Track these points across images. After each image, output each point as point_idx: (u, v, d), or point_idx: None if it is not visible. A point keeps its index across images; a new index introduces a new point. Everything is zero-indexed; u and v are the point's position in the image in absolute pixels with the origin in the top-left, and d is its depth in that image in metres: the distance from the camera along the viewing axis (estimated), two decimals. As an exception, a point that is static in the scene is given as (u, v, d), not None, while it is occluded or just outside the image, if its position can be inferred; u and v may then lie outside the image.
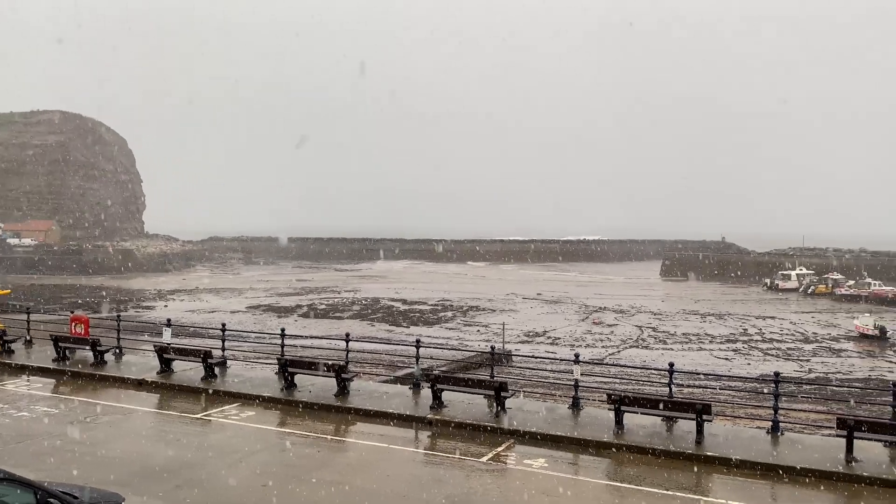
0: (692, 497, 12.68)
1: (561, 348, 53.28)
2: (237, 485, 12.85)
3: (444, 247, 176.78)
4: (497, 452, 14.87)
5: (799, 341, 59.62)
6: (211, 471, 13.52)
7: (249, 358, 30.07)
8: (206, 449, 14.83)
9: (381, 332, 60.78)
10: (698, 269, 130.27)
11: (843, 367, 48.72)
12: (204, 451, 14.64)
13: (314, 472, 13.57)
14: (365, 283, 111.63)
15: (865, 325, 61.69)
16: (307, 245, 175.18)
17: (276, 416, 17.71)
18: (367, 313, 73.75)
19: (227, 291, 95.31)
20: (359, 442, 15.70)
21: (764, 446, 15.06)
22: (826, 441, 15.66)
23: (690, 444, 15.06)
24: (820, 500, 12.61)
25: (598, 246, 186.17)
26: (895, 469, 13.74)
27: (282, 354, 21.28)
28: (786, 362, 49.37)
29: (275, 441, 15.65)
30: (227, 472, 13.44)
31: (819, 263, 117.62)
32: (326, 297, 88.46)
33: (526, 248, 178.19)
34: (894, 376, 43.74)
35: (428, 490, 12.71)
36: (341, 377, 18.84)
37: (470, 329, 63.89)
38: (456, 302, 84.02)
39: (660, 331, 64.25)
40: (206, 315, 70.38)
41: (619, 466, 14.25)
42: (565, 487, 13.01)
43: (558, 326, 65.82)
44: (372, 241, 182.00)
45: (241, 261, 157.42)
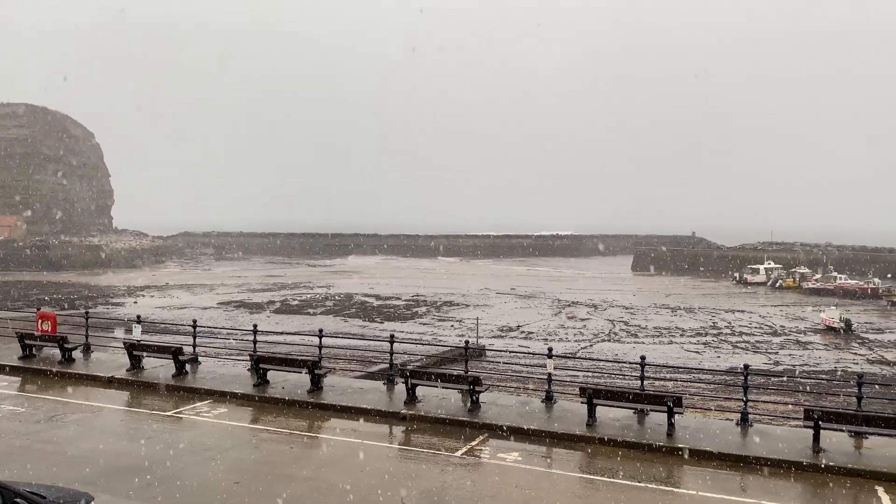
0: (664, 488, 12.84)
1: (534, 342, 53.54)
2: (209, 482, 12.73)
3: (419, 242, 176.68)
4: (471, 447, 14.91)
5: (767, 334, 60.60)
6: (182, 468, 13.37)
7: (221, 354, 29.76)
8: (178, 446, 14.66)
9: (355, 328, 60.55)
10: (669, 263, 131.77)
11: (810, 359, 49.62)
12: (175, 449, 14.47)
13: (287, 468, 13.49)
14: (338, 278, 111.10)
15: (831, 318, 62.87)
16: (280, 240, 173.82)
17: (249, 412, 17.56)
18: (340, 309, 73.42)
19: (199, 287, 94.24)
20: (332, 438, 15.64)
21: (734, 438, 15.30)
22: (794, 432, 15.95)
23: (662, 436, 15.25)
24: (788, 489, 12.85)
25: (571, 241, 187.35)
26: (860, 458, 14.06)
27: (254, 351, 21.09)
28: (755, 355, 50.15)
29: (247, 438, 15.52)
30: (198, 470, 13.30)
31: (787, 258, 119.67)
32: (299, 293, 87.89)
33: (500, 243, 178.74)
34: (859, 368, 44.68)
35: (402, 485, 12.71)
36: (314, 373, 18.74)
37: (444, 324, 63.92)
38: (430, 297, 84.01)
39: (631, 324, 64.88)
40: (177, 311, 69.52)
41: (592, 459, 14.38)
42: (539, 481, 13.09)
43: (532, 321, 66.15)
44: (345, 237, 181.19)
45: (212, 256, 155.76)
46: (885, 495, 12.52)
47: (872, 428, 14.27)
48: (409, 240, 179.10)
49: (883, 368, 46.25)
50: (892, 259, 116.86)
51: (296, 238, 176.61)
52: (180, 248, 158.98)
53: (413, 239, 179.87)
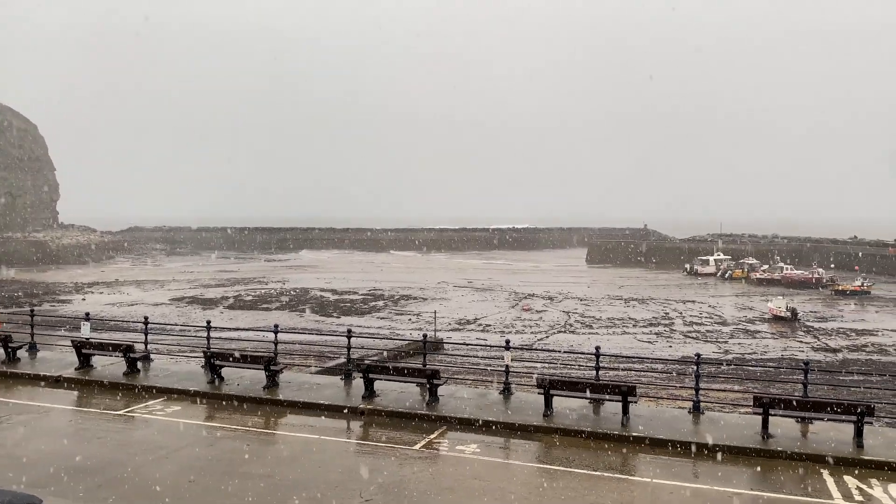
0: (619, 476, 13.07)
1: (492, 335, 53.90)
2: (163, 481, 12.49)
3: (376, 236, 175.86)
4: (429, 440, 14.94)
5: (717, 324, 62.11)
6: (135, 468, 13.09)
7: (174, 352, 29.23)
8: (130, 446, 14.35)
9: (311, 323, 60.05)
10: (622, 255, 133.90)
11: (758, 347, 51.06)
12: (127, 449, 14.16)
13: (243, 465, 13.32)
14: (293, 273, 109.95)
15: (778, 307, 64.78)
16: (233, 235, 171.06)
17: (203, 410, 17.28)
18: (296, 304, 72.71)
19: (150, 283, 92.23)
20: (289, 434, 15.49)
21: (686, 425, 15.65)
22: (744, 419, 16.39)
23: (617, 425, 15.51)
24: (739, 475, 13.20)
25: (527, 234, 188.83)
26: (806, 443, 14.53)
27: (208, 347, 20.76)
28: (705, 344, 51.39)
29: (202, 436, 15.27)
30: (152, 469, 13.04)
31: (735, 249, 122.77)
32: (253, 288, 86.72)
33: (456, 236, 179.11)
34: (805, 356, 46.15)
35: (360, 479, 12.66)
36: (270, 369, 18.53)
37: (401, 318, 63.86)
38: (387, 291, 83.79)
39: (586, 316, 65.79)
40: (128, 308, 67.97)
41: (549, 449, 14.55)
42: (496, 471, 13.19)
43: (489, 313, 66.54)
44: (300, 231, 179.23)
45: (163, 252, 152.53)
46: (830, 478, 12.97)
47: (817, 413, 14.76)
48: (365, 233, 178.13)
49: (827, 355, 47.87)
50: (834, 249, 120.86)
51: (250, 232, 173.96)
52: (130, 244, 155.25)
53: (370, 233, 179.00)
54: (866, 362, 45.21)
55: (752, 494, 12.25)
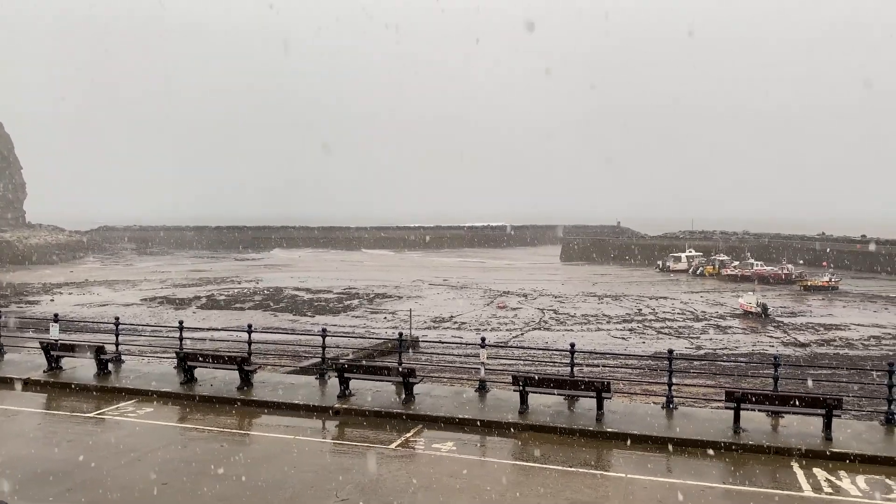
0: (594, 472, 13.16)
1: (467, 333, 53.95)
2: (135, 485, 12.31)
3: (350, 234, 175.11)
4: (406, 438, 14.92)
5: (689, 320, 62.82)
6: (106, 471, 12.88)
7: (146, 352, 28.83)
8: (101, 449, 14.12)
9: (285, 323, 59.61)
10: (596, 253, 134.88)
11: (729, 343, 51.73)
12: (98, 452, 13.93)
13: (217, 467, 13.18)
14: (267, 272, 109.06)
15: (749, 303, 65.65)
16: (205, 234, 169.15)
17: (176, 411, 17.07)
18: (269, 303, 72.12)
19: (120, 283, 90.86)
20: (264, 434, 15.37)
21: (660, 421, 15.81)
22: (716, 413, 16.60)
23: (591, 421, 15.62)
24: (712, 468, 13.37)
25: (502, 232, 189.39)
26: (777, 436, 14.76)
27: (180, 348, 20.52)
28: (678, 340, 51.93)
29: (175, 437, 15.08)
30: (123, 472, 12.85)
31: (707, 246, 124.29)
32: (226, 288, 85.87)
33: (431, 234, 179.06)
34: (775, 350, 46.87)
35: (336, 479, 12.60)
36: (244, 369, 18.37)
37: (377, 316, 63.66)
38: (362, 290, 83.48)
39: (561, 313, 66.15)
40: (98, 309, 66.87)
41: (525, 446, 14.60)
42: (473, 469, 13.21)
43: (464, 311, 66.60)
44: (274, 230, 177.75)
45: (134, 251, 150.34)
46: (800, 470, 13.20)
47: (788, 407, 15.00)
48: (339, 232, 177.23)
49: (797, 350, 48.66)
50: (804, 246, 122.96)
51: (223, 231, 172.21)
52: (100, 244, 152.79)
53: (344, 231, 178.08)
54: (834, 356, 46.04)
55: (725, 488, 12.42)
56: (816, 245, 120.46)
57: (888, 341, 51.92)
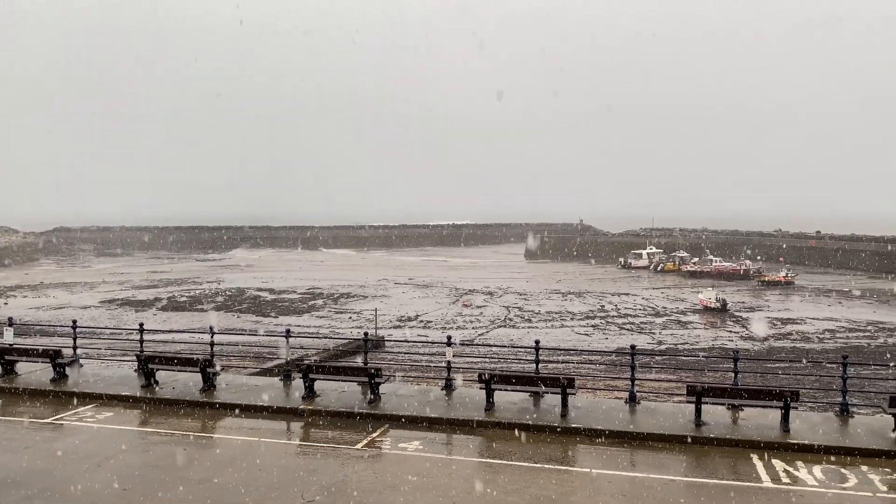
0: (559, 468, 13.29)
1: (433, 331, 53.99)
2: (95, 491, 12.06)
3: (313, 233, 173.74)
4: (372, 438, 14.88)
5: (651, 315, 63.78)
6: (65, 478, 12.60)
7: (105, 356, 28.24)
8: (59, 455, 13.80)
9: (248, 324, 58.94)
10: (560, 250, 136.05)
11: (690, 338, 52.66)
12: (57, 458, 13.62)
13: (180, 471, 12.98)
14: (228, 272, 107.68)
15: (708, 298, 66.94)
16: (165, 235, 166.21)
17: (137, 415, 16.77)
18: (232, 304, 71.25)
19: (78, 286, 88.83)
20: (228, 437, 15.18)
21: (623, 415, 16.03)
22: (677, 407, 16.89)
23: (556, 417, 15.77)
24: (674, 462, 13.61)
25: (467, 230, 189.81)
26: (737, 429, 15.08)
27: (141, 350, 20.16)
28: (640, 335, 52.71)
29: (136, 442, 14.82)
30: (83, 479, 12.58)
31: (667, 242, 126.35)
32: (187, 289, 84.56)
33: (396, 233, 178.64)
34: (734, 345, 47.86)
35: (301, 481, 12.52)
36: (206, 371, 18.12)
37: (342, 316, 63.33)
38: (326, 290, 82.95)
39: (525, 310, 66.60)
40: (54, 312, 65.32)
41: (491, 443, 14.68)
42: (439, 467, 13.23)
43: (430, 310, 66.63)
44: (235, 230, 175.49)
45: (92, 252, 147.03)
46: (759, 461, 13.51)
47: (747, 400, 15.34)
48: (302, 231, 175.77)
49: (755, 344, 49.75)
50: (760, 242, 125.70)
51: (183, 232, 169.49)
52: (56, 245, 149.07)
53: (307, 230, 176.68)
54: (791, 350, 47.18)
55: (687, 481, 12.64)
56: (774, 241, 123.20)
57: (842, 334, 53.41)
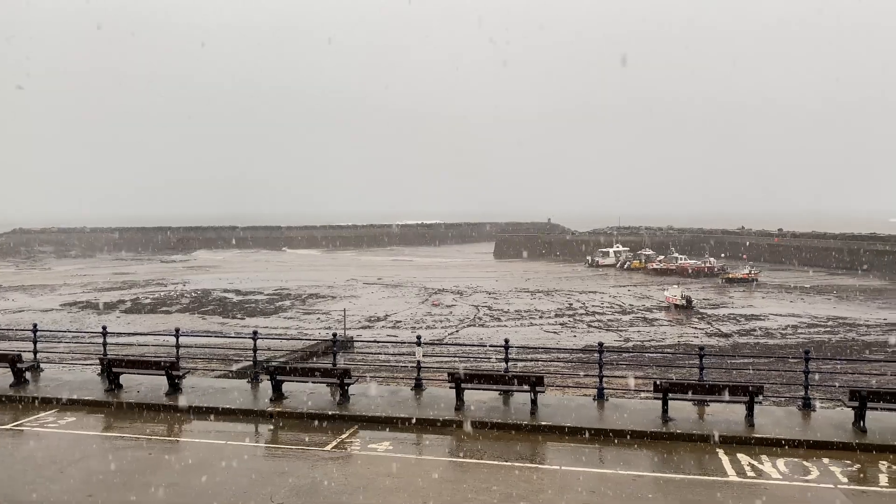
0: (529, 466, 13.35)
1: (402, 331, 53.88)
2: (58, 498, 11.78)
3: (280, 234, 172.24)
4: (341, 440, 14.79)
5: (618, 313, 64.47)
6: (26, 485, 12.29)
7: (67, 360, 27.67)
8: (20, 462, 13.46)
9: (215, 326, 58.22)
10: (528, 249, 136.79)
11: (656, 335, 53.34)
12: (17, 465, 13.28)
13: (146, 476, 12.76)
14: (194, 274, 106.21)
15: (674, 295, 67.88)
16: (128, 235, 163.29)
17: (101, 420, 16.44)
18: (197, 306, 70.28)
19: (37, 289, 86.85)
20: (195, 441, 14.97)
21: (591, 412, 16.17)
22: (645, 404, 17.09)
23: (526, 415, 15.84)
24: (642, 458, 13.76)
25: (436, 229, 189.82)
26: (703, 424, 15.30)
27: (104, 354, 19.77)
28: (607, 333, 53.25)
29: (100, 447, 14.53)
30: (45, 486, 12.29)
31: (633, 241, 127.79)
32: (152, 291, 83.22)
33: (364, 233, 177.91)
34: (699, 341, 48.61)
35: (271, 483, 12.39)
36: (172, 374, 17.84)
37: (310, 317, 62.88)
38: (294, 290, 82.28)
39: (495, 309, 66.83)
40: (13, 315, 63.75)
41: (461, 442, 14.69)
42: (409, 468, 13.21)
43: (399, 310, 66.50)
44: (201, 230, 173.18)
45: (52, 254, 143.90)
46: (725, 456, 13.72)
47: (712, 396, 15.58)
48: (268, 231, 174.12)
49: (720, 340, 50.58)
50: (724, 240, 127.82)
51: (147, 233, 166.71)
52: (13, 247, 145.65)
53: (273, 231, 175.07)
54: (755, 346, 48.07)
55: (654, 476, 12.80)
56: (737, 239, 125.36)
57: (804, 330, 54.56)
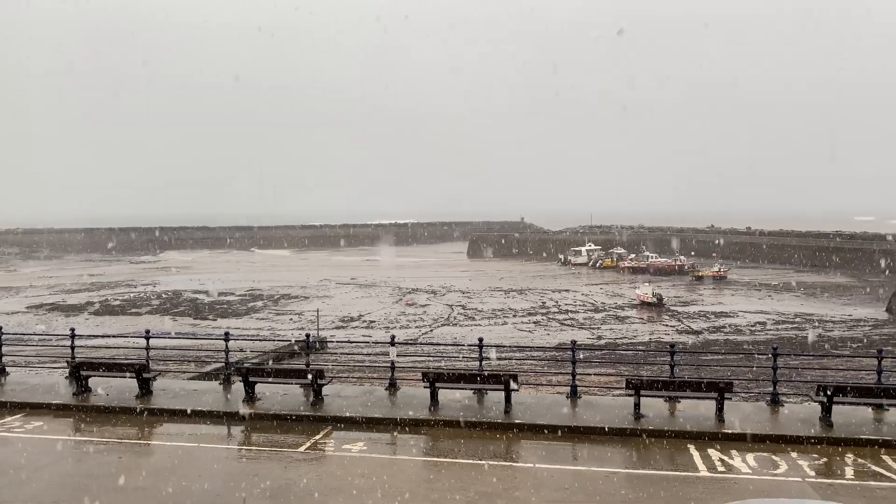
0: (503, 464, 13.40)
1: (376, 331, 53.71)
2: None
3: (252, 234, 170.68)
4: (315, 441, 14.72)
5: (590, 311, 64.94)
6: (-9, 492, 12.05)
7: (33, 363, 27.16)
8: (-16, 469, 13.18)
9: (186, 327, 57.48)
10: (502, 248, 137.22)
11: (628, 332, 53.82)
12: (-19, 472, 13.00)
13: (117, 480, 12.56)
14: (165, 275, 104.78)
15: (645, 293, 68.55)
16: (97, 236, 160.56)
17: (70, 424, 16.16)
18: (168, 308, 69.36)
19: (2, 290, 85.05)
20: (167, 444, 14.79)
21: (565, 410, 16.28)
22: (617, 400, 17.25)
23: (500, 413, 15.90)
24: (615, 454, 13.89)
25: (410, 229, 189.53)
26: (675, 421, 15.49)
27: (72, 356, 19.44)
28: (580, 331, 53.61)
29: (69, 452, 14.28)
30: (12, 493, 12.05)
31: (605, 239, 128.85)
32: (122, 292, 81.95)
33: (337, 233, 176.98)
34: (671, 338, 49.16)
35: (244, 485, 12.28)
36: (142, 376, 17.60)
37: (282, 318, 62.40)
38: (266, 291, 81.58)
39: (468, 308, 66.92)
40: (-23, 319, 62.32)
41: (436, 442, 14.70)
42: (383, 468, 13.18)
43: (373, 310, 66.27)
44: (172, 230, 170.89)
45: (17, 255, 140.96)
46: (696, 451, 13.91)
47: (684, 392, 15.78)
48: (240, 232, 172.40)
49: (690, 337, 51.19)
50: (694, 238, 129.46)
51: (116, 234, 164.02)
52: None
53: (244, 231, 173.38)
54: (725, 342, 48.74)
55: (627, 473, 12.92)
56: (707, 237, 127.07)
57: (772, 326, 55.46)
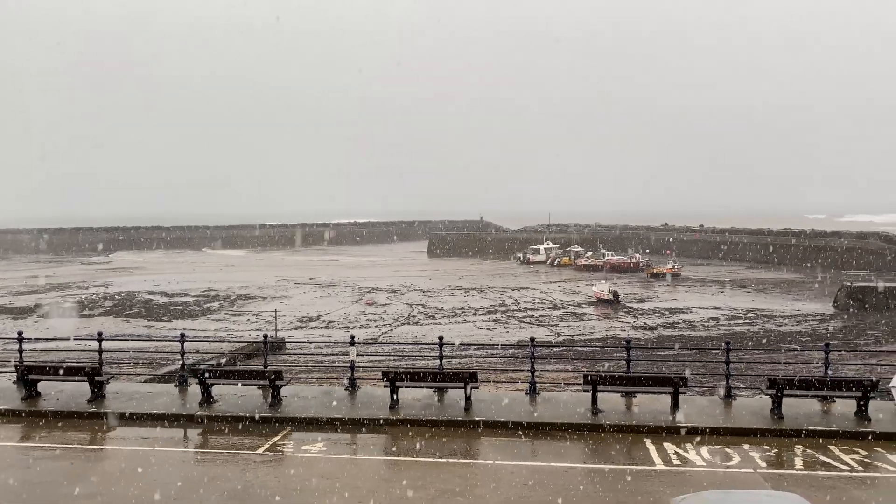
0: (463, 461, 13.47)
1: (336, 331, 53.34)
2: (-29, 514, 11.22)
3: (207, 234, 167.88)
4: (274, 442, 14.58)
5: (549, 308, 65.56)
6: (-65, 502, 11.65)
7: (-21, 368, 26.29)
8: (-72, 478, 12.73)
9: (140, 329, 56.29)
10: (462, 247, 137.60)
11: (585, 329, 54.49)
12: (-76, 481, 12.55)
13: (68, 487, 12.26)
14: (117, 276, 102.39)
15: (602, 290, 69.45)
16: (46, 236, 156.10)
17: (18, 430, 15.71)
18: (121, 309, 67.81)
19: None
20: (120, 448, 14.48)
21: (524, 407, 16.42)
22: (575, 396, 17.47)
23: (460, 411, 15.97)
24: (573, 449, 14.07)
25: (370, 228, 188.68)
26: (631, 415, 15.76)
27: (20, 360, 18.87)
28: (538, 328, 54.06)
29: (16, 459, 13.88)
30: (-44, 502, 11.68)
31: (563, 238, 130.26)
32: (73, 294, 79.84)
33: (294, 232, 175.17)
34: (627, 334, 49.91)
35: (202, 489, 12.10)
36: (95, 380, 17.19)
37: (240, 319, 61.54)
38: (223, 291, 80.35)
39: (429, 307, 66.94)
40: (-82, 323, 60.03)
41: (396, 441, 14.69)
42: (343, 468, 13.13)
43: (332, 310, 65.81)
44: (125, 231, 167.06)
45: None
46: (652, 445, 14.18)
47: (640, 387, 16.08)
48: (194, 231, 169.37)
49: (646, 333, 52.08)
50: (649, 236, 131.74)
51: (66, 233, 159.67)
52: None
53: (198, 231, 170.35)
54: (679, 338, 49.71)
55: (585, 467, 13.11)
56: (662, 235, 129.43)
57: (725, 322, 56.75)
